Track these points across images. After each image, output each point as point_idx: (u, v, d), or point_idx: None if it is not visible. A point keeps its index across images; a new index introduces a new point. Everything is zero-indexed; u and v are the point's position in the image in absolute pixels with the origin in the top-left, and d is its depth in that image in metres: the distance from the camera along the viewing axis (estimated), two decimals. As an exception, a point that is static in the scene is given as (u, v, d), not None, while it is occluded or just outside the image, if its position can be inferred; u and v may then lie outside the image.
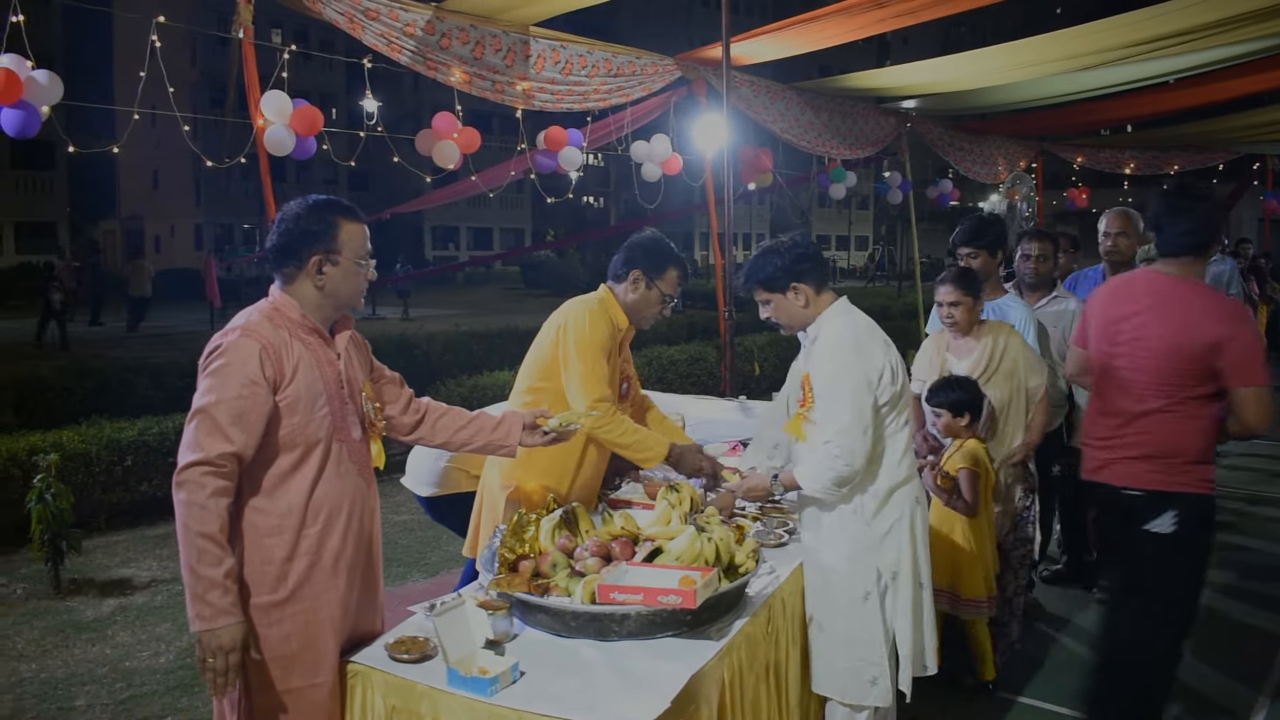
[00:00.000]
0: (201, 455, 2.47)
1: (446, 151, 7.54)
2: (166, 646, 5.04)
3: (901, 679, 3.30)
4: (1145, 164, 16.01)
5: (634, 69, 8.46)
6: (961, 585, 4.21)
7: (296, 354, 2.64)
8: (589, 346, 3.54)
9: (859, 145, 11.73)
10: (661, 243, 3.78)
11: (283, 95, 6.23)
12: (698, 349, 12.13)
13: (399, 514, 7.31)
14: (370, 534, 2.85)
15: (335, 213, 2.72)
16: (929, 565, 3.40)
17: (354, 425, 2.78)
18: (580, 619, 2.77)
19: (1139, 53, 8.65)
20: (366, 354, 2.98)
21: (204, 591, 2.44)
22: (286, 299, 2.70)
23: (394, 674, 2.63)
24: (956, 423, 4.26)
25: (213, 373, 2.55)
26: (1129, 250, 5.37)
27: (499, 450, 3.21)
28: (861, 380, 3.17)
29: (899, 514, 3.28)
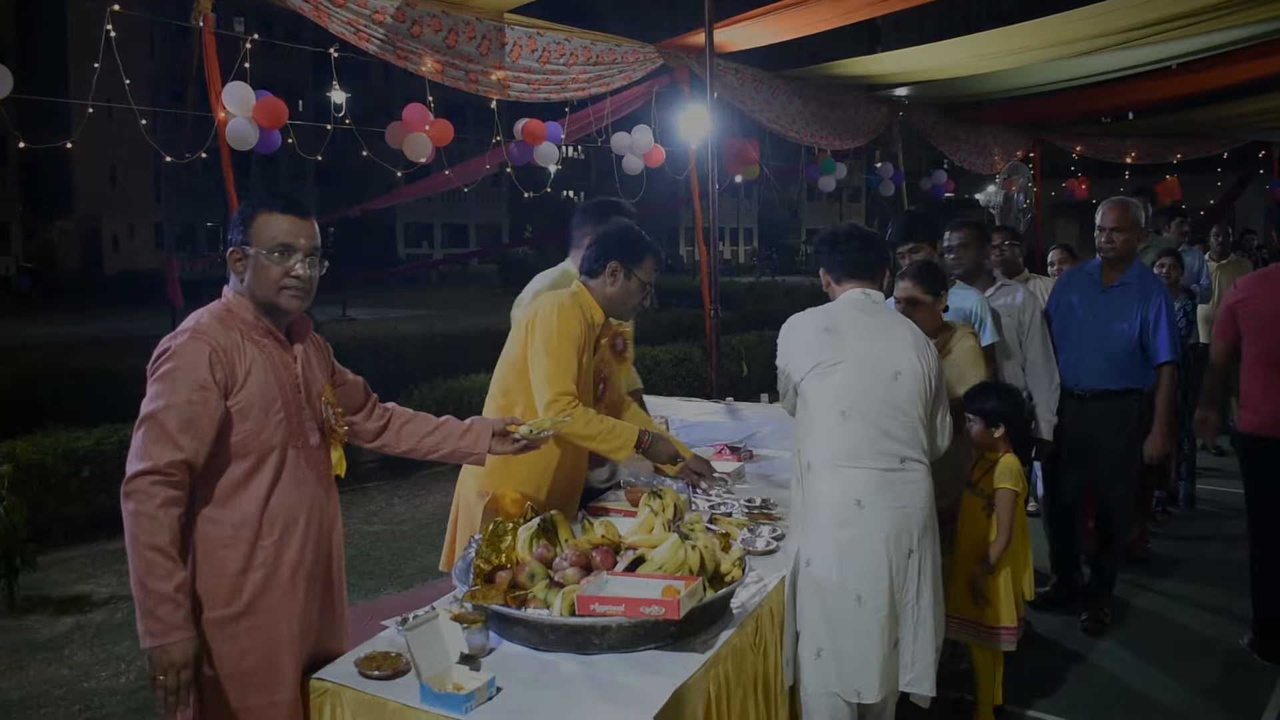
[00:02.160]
0: (150, 464, 2.38)
1: (418, 145, 7.39)
2: (126, 666, 4.90)
3: (811, 673, 3.21)
4: (1147, 153, 16.01)
5: (614, 57, 8.32)
6: (986, 613, 3.98)
7: (249, 357, 2.55)
8: (557, 339, 3.45)
9: (849, 135, 11.63)
10: (634, 231, 3.74)
11: (245, 87, 6.07)
12: (683, 349, 12.03)
13: (371, 524, 7.19)
14: (330, 545, 2.76)
15: (256, 204, 2.64)
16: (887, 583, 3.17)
17: (312, 431, 2.69)
18: (559, 632, 2.69)
19: (1141, 36, 8.59)
20: (327, 357, 2.89)
21: (154, 606, 2.36)
22: (239, 299, 2.62)
23: (364, 691, 2.54)
24: (989, 433, 4.01)
25: (161, 377, 2.46)
26: (1124, 246, 5.03)
27: (467, 458, 3.13)
28: (780, 352, 3.45)
29: (823, 503, 3.22)
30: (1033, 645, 4.77)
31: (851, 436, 3.22)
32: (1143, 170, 17.33)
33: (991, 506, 3.95)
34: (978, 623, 3.99)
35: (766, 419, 5.50)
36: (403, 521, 7.27)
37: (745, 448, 4.89)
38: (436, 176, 9.08)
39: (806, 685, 3.23)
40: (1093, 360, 4.97)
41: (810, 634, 3.21)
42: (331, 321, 21.61)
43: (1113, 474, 5.08)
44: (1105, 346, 4.96)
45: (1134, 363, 4.96)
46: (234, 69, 6.18)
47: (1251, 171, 18.83)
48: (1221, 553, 6.33)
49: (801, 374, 3.31)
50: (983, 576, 3.94)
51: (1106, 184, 16.96)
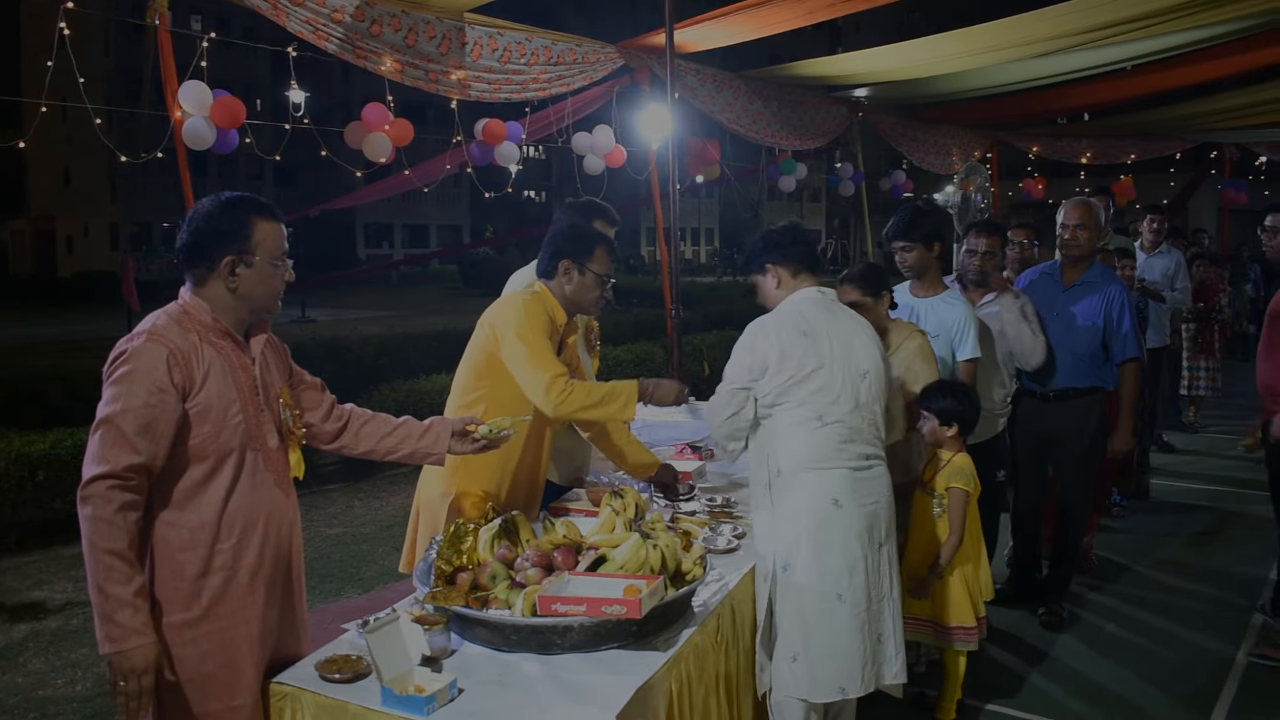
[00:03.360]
0: (107, 468, 2.35)
1: (378, 145, 7.35)
2: (83, 673, 4.82)
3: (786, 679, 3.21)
4: (1102, 153, 16.25)
5: (575, 57, 8.33)
6: (945, 613, 3.98)
7: (207, 359, 2.52)
8: (528, 330, 3.44)
9: (809, 135, 11.71)
10: (579, 226, 3.77)
11: (202, 86, 6.02)
12: (644, 349, 12.00)
13: (331, 527, 7.13)
14: (289, 548, 2.74)
15: (249, 211, 2.59)
16: (862, 579, 3.23)
17: (270, 433, 2.66)
18: (521, 632, 2.68)
19: (1096, 38, 8.73)
20: (285, 358, 2.86)
21: (113, 611, 2.33)
22: (197, 301, 2.58)
23: (324, 694, 2.52)
24: (942, 431, 4.01)
25: (117, 380, 2.42)
26: (1088, 244, 5.09)
27: (427, 458, 3.10)
28: (746, 359, 3.31)
29: (802, 504, 3.22)
30: (991, 640, 4.81)
31: (827, 440, 3.24)
32: (1098, 170, 17.59)
33: (943, 506, 3.97)
34: (935, 622, 4.01)
35: (728, 418, 5.50)
36: (363, 524, 7.21)
37: (706, 447, 4.89)
38: (396, 176, 9.01)
39: (779, 691, 3.23)
40: (1058, 359, 5.00)
41: (787, 640, 3.21)
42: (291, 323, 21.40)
43: (1075, 473, 5.13)
44: (1070, 345, 5.00)
45: (1098, 361, 5.02)
46: (190, 68, 6.12)
47: (1203, 172, 19.15)
48: (1175, 548, 6.42)
49: (779, 381, 3.24)
50: (932, 578, 3.97)
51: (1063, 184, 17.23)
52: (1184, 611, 5.32)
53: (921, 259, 4.58)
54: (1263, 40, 9.75)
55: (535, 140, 9.17)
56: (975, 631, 4.01)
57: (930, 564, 3.98)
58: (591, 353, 4.50)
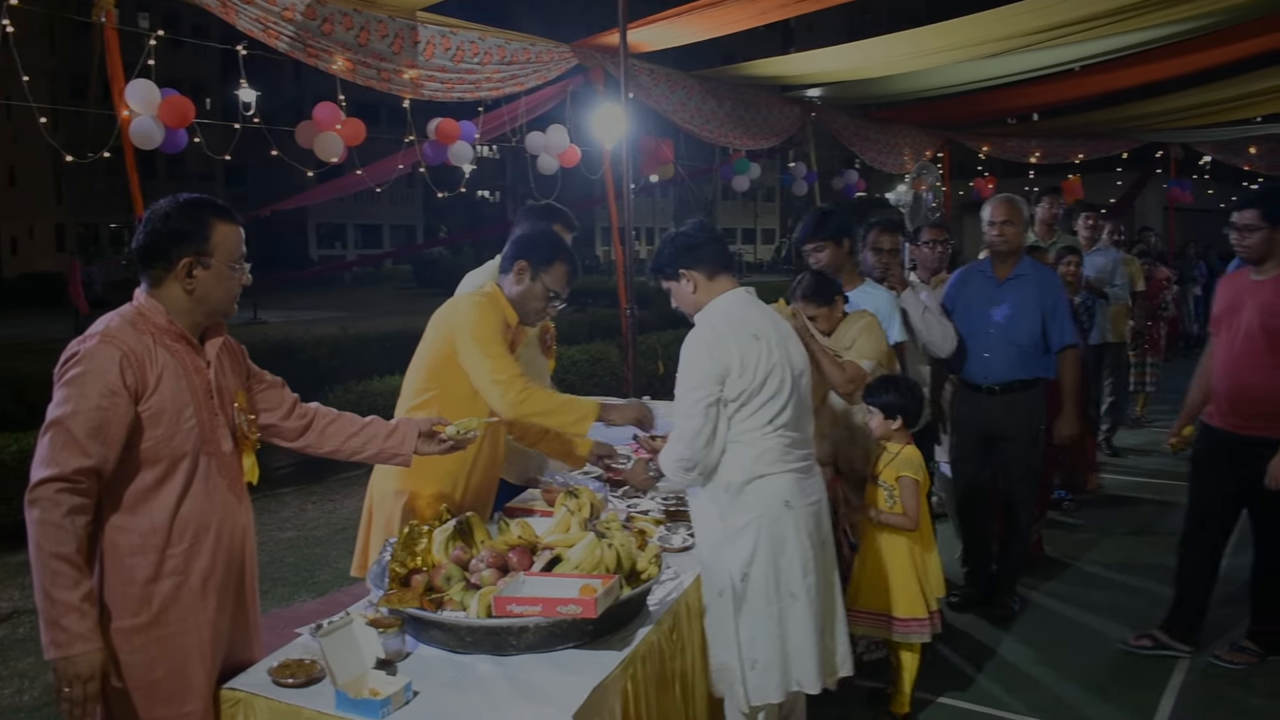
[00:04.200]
0: (56, 470, 2.32)
1: (329, 144, 7.29)
2: (30, 683, 4.75)
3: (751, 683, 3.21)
4: (1051, 153, 16.50)
5: (528, 56, 8.31)
6: (895, 605, 4.01)
7: (161, 362, 2.50)
8: (483, 331, 3.40)
9: (763, 135, 11.77)
10: (550, 235, 3.68)
11: (150, 84, 5.95)
12: (599, 349, 11.99)
13: (284, 530, 7.06)
14: (242, 553, 2.72)
15: (208, 212, 2.58)
16: (813, 577, 3.26)
17: (224, 438, 2.64)
18: (476, 634, 2.68)
19: (1045, 39, 8.87)
20: (242, 361, 2.84)
21: (59, 616, 2.30)
22: (152, 303, 2.56)
23: (278, 699, 2.50)
24: (887, 425, 4.07)
25: (69, 382, 2.39)
26: (1015, 239, 5.19)
27: (393, 459, 3.08)
28: (708, 369, 3.16)
29: (756, 512, 3.21)
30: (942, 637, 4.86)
31: (775, 445, 3.24)
32: (1047, 170, 17.86)
33: (894, 497, 4.03)
34: (889, 616, 4.04)
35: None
36: (316, 527, 7.15)
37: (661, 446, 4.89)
38: (349, 176, 8.94)
39: (744, 698, 3.22)
40: (1000, 353, 5.07)
41: (750, 648, 3.21)
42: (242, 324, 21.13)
43: (1021, 466, 5.18)
44: (1011, 338, 5.07)
45: (1037, 352, 5.10)
46: (138, 66, 6.04)
47: (1149, 171, 19.48)
48: (1123, 543, 6.51)
49: (739, 389, 3.17)
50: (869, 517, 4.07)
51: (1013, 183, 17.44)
52: (1131, 607, 5.39)
53: (834, 256, 4.66)
54: (1208, 42, 9.98)
55: (489, 140, 9.14)
56: (928, 624, 4.04)
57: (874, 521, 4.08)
58: (547, 353, 4.49)
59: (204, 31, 11.35)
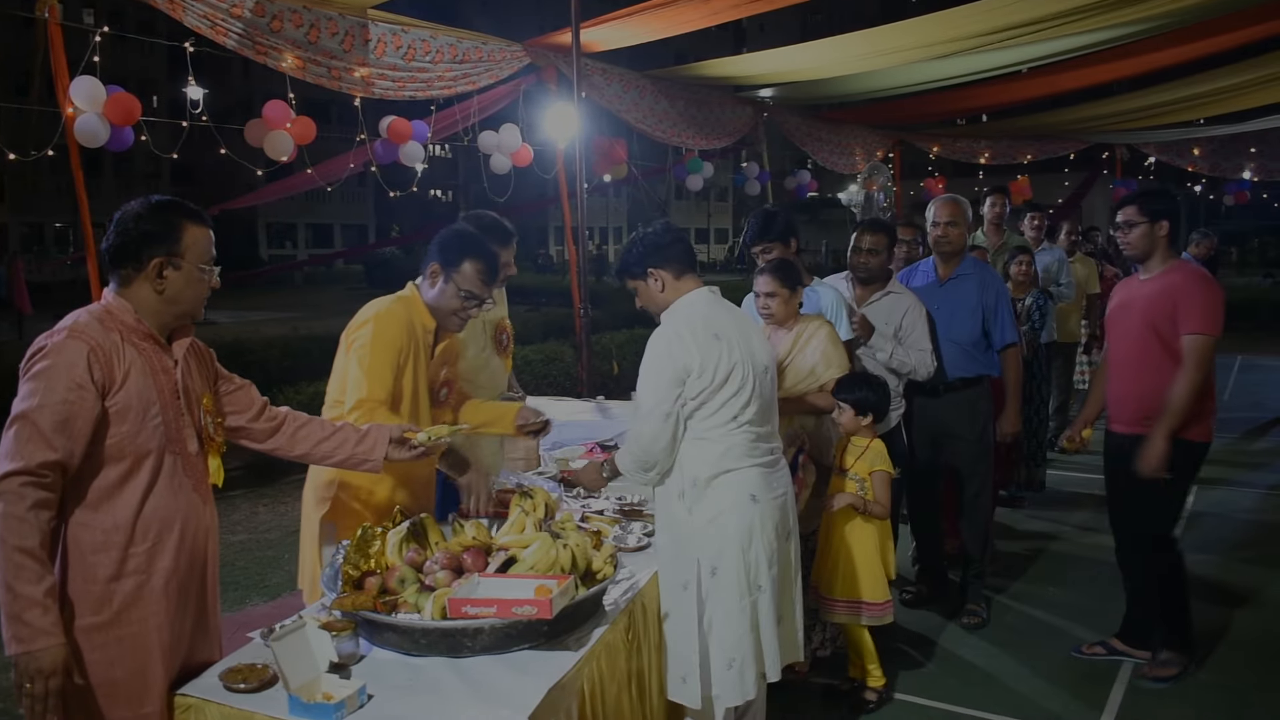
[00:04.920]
0: (21, 464, 2.32)
1: (279, 143, 7.23)
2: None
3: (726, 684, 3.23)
4: (999, 153, 16.77)
5: (480, 55, 8.29)
6: (865, 591, 4.16)
7: (128, 359, 2.50)
8: (370, 348, 3.30)
9: (715, 135, 11.83)
10: (462, 235, 3.54)
11: (95, 81, 5.87)
12: (553, 349, 11.97)
13: (235, 534, 6.97)
14: (205, 554, 2.72)
15: (180, 215, 2.61)
16: (776, 569, 3.31)
17: (190, 438, 2.65)
18: (431, 636, 2.67)
19: (993, 41, 9.00)
20: (210, 364, 2.84)
21: (21, 610, 2.29)
22: (121, 303, 2.57)
23: (229, 705, 2.48)
24: (857, 421, 4.18)
25: (35, 375, 2.39)
26: (959, 239, 5.27)
27: (363, 464, 3.07)
28: (667, 369, 3.19)
29: (724, 506, 3.24)
30: (898, 636, 4.95)
31: (741, 441, 3.28)
32: (995, 170, 18.12)
33: (865, 488, 4.14)
34: (861, 602, 4.16)
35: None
36: (268, 530, 7.07)
37: (616, 446, 4.92)
38: (299, 175, 8.86)
39: (717, 698, 3.24)
40: (944, 352, 5.11)
41: (721, 645, 3.22)
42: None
43: (970, 464, 5.23)
44: (953, 336, 5.13)
45: (979, 350, 5.17)
46: (83, 63, 5.96)
47: (1096, 172, 19.81)
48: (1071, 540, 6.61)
49: (699, 388, 3.20)
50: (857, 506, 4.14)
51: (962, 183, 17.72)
52: (1079, 604, 5.47)
53: (783, 256, 4.68)
54: (1153, 45, 10.19)
55: (441, 139, 9.11)
56: (889, 607, 4.20)
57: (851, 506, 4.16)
58: (503, 354, 4.46)
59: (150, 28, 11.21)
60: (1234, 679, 4.58)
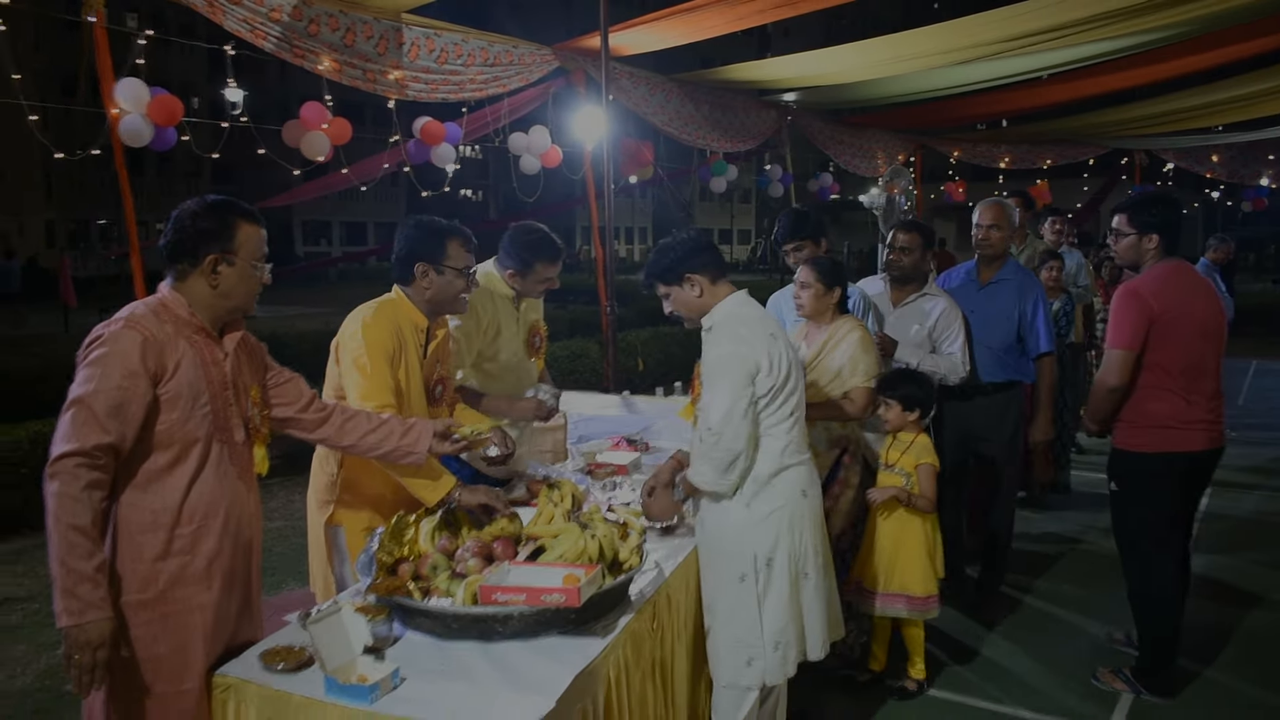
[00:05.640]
0: (76, 446, 2.41)
1: (315, 143, 7.35)
2: (24, 669, 4.78)
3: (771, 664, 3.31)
4: (1019, 158, 16.70)
5: (511, 59, 8.37)
6: (913, 584, 4.20)
7: (180, 350, 2.60)
8: (366, 354, 3.36)
9: (740, 138, 11.87)
10: (429, 225, 3.56)
11: (139, 83, 5.98)
12: (580, 345, 12.03)
13: (273, 520, 7.09)
14: (250, 540, 2.81)
15: (234, 214, 2.71)
16: (820, 557, 3.43)
17: (237, 427, 2.74)
18: (462, 621, 2.72)
19: (1014, 47, 8.99)
20: (260, 357, 2.94)
21: (73, 585, 2.38)
22: (176, 297, 2.67)
23: (268, 685, 2.54)
24: (905, 417, 4.23)
25: (92, 362, 2.49)
26: (1001, 243, 5.26)
27: (406, 457, 3.14)
28: (739, 369, 3.21)
29: (780, 502, 3.31)
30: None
31: (796, 437, 3.37)
32: (1015, 174, 18.10)
33: (912, 482, 4.19)
34: (908, 595, 4.21)
35: (662, 412, 5.62)
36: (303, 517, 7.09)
37: (642, 440, 4.99)
38: (334, 175, 8.99)
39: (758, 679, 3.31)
40: (976, 355, 5.12)
41: (771, 629, 3.30)
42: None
43: (998, 467, 5.27)
44: (986, 341, 5.14)
45: (1013, 355, 5.17)
46: (127, 65, 6.09)
47: (1114, 177, 19.69)
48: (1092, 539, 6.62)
49: (767, 387, 3.24)
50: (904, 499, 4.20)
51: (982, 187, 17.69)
52: (1095, 602, 5.48)
53: (813, 255, 4.73)
54: (1172, 53, 10.14)
55: (472, 140, 9.20)
56: (934, 601, 4.25)
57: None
58: (536, 355, 4.50)
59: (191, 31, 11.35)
60: (1245, 679, 4.59)
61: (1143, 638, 4.48)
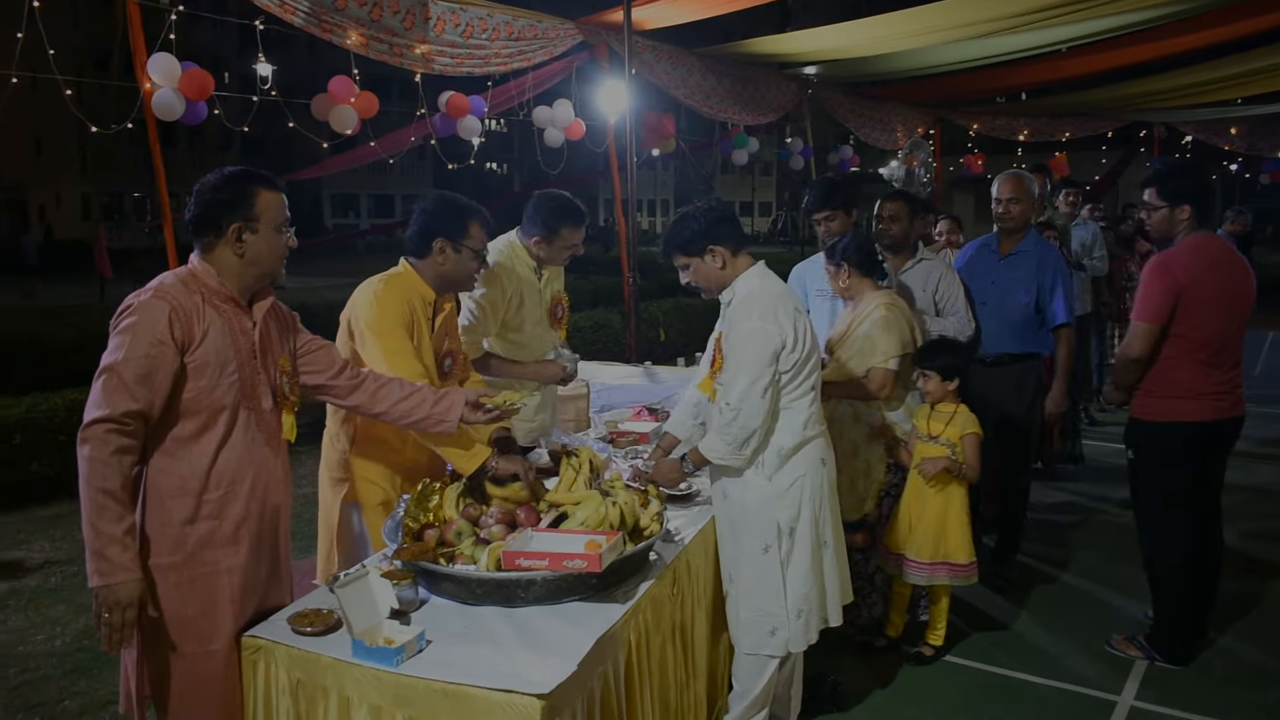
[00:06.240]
0: (106, 412, 2.48)
1: (343, 116, 7.39)
2: (62, 629, 4.90)
3: (795, 633, 3.36)
4: (1038, 131, 16.56)
5: (535, 33, 8.38)
6: (957, 552, 4.22)
7: (208, 319, 2.65)
8: (381, 324, 3.39)
9: (761, 111, 11.83)
10: (453, 202, 3.59)
11: (170, 58, 6.04)
12: (602, 316, 12.11)
13: (300, 486, 7.17)
14: (277, 506, 2.85)
15: (253, 182, 2.75)
16: (835, 523, 3.48)
17: (265, 395, 2.79)
18: (486, 586, 2.78)
19: (1033, 20, 8.91)
20: (291, 325, 2.99)
21: (103, 547, 2.45)
22: (205, 267, 2.72)
23: (297, 647, 2.60)
24: (944, 387, 4.23)
25: (122, 330, 2.55)
26: (1021, 216, 5.24)
27: (438, 425, 3.18)
28: (765, 346, 3.22)
29: (800, 472, 3.35)
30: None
31: (816, 408, 3.42)
32: (1034, 147, 17.92)
33: (956, 453, 4.18)
34: (949, 564, 4.23)
35: (683, 382, 5.63)
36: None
37: (663, 409, 5.02)
38: (362, 148, 9.03)
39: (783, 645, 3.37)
40: (993, 326, 5.14)
41: (793, 597, 3.35)
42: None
43: (1014, 437, 5.27)
44: (1004, 312, 5.14)
45: (1031, 327, 5.17)
46: (159, 40, 6.13)
47: (1133, 150, 19.47)
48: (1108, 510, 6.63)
49: (792, 361, 3.26)
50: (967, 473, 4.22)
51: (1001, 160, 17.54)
52: (1113, 570, 5.52)
53: (843, 225, 4.76)
54: (1191, 26, 10.00)
55: (497, 114, 9.24)
56: (974, 568, 4.28)
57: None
58: (557, 326, 4.53)
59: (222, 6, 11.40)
60: (1260, 648, 4.61)
61: (1157, 604, 4.51)
